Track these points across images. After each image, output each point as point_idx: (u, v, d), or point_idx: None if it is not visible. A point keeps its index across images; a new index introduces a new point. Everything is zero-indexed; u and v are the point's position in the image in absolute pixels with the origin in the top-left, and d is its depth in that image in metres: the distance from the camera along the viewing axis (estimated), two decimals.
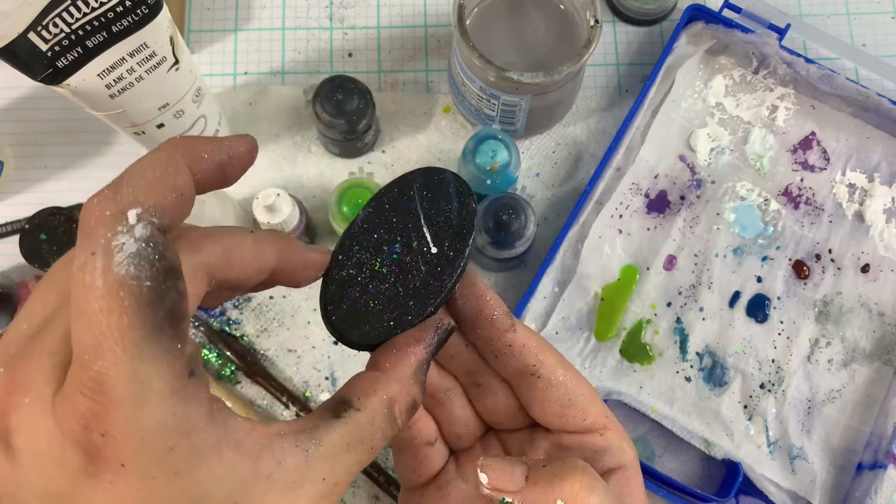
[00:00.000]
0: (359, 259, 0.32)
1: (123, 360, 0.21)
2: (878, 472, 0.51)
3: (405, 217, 0.33)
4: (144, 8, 0.41)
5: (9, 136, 0.60)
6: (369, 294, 0.32)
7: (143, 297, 0.21)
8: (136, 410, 0.22)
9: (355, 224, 0.32)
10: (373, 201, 0.33)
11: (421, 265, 0.32)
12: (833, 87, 0.58)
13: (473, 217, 0.33)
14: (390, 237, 0.33)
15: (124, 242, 0.22)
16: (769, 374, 0.55)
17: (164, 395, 0.22)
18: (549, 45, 0.56)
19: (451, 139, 0.61)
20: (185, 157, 0.24)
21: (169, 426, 0.22)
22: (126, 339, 0.21)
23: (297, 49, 0.63)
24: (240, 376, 0.56)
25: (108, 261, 0.21)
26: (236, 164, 0.26)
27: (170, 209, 0.23)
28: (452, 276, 0.32)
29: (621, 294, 0.56)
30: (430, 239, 0.33)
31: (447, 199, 0.33)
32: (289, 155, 0.60)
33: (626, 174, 0.57)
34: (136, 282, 0.21)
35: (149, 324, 0.21)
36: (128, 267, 0.21)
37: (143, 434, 0.22)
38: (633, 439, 0.55)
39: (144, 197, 0.22)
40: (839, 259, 0.57)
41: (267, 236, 0.28)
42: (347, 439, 0.26)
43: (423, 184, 0.33)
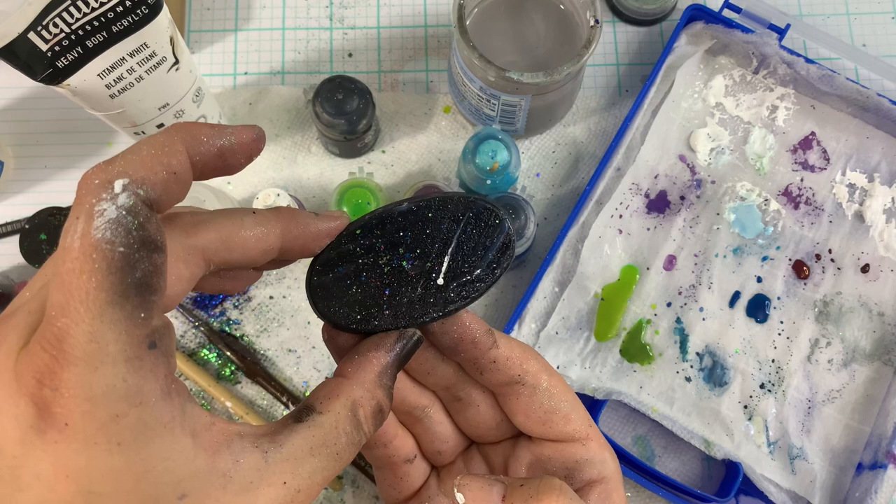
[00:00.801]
0: (372, 244, 0.31)
1: (85, 319, 0.22)
2: (878, 472, 0.51)
3: (438, 236, 0.32)
4: (144, 8, 0.41)
5: (9, 136, 0.60)
6: (358, 280, 0.31)
7: (115, 261, 0.22)
8: (87, 371, 0.22)
9: (392, 210, 0.31)
10: (423, 202, 0.31)
11: (419, 287, 0.31)
12: (833, 87, 0.58)
13: (493, 279, 0.32)
14: (412, 244, 0.31)
15: (105, 209, 0.22)
16: (769, 374, 0.55)
17: (117, 359, 0.22)
18: (549, 45, 0.56)
19: (451, 139, 0.61)
20: (184, 139, 0.25)
21: (118, 392, 0.22)
22: (91, 299, 0.22)
23: (297, 49, 0.63)
24: (240, 376, 0.56)
25: (88, 225, 0.22)
26: (239, 152, 0.27)
27: (160, 185, 0.23)
28: (437, 314, 0.31)
29: (621, 294, 0.56)
30: (443, 270, 0.32)
31: (485, 247, 0.32)
32: (289, 155, 0.60)
33: (626, 174, 0.57)
34: (110, 246, 0.22)
35: (115, 288, 0.22)
36: (104, 231, 0.22)
37: (90, 395, 0.22)
38: (632, 439, 0.55)
39: (134, 170, 0.23)
40: (839, 259, 0.57)
41: (269, 216, 0.28)
42: (310, 443, 0.26)
43: (477, 216, 0.32)
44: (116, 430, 0.22)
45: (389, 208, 0.31)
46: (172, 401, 0.23)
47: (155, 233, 0.23)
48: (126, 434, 0.22)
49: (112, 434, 0.22)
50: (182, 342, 0.56)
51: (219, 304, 0.57)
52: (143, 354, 0.23)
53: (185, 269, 0.25)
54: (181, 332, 0.56)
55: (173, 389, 0.23)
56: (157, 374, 0.23)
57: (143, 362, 0.23)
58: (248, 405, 0.55)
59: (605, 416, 0.55)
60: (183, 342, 0.56)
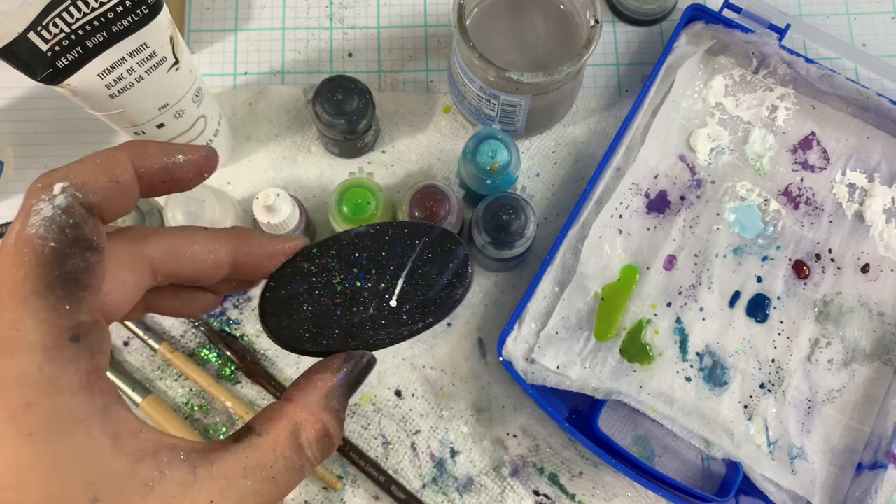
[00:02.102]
0: (327, 264, 0.31)
1: (8, 307, 0.22)
2: (878, 472, 0.51)
3: (393, 259, 0.32)
4: (144, 8, 0.41)
5: (9, 136, 0.60)
6: (310, 298, 0.31)
7: (44, 255, 0.23)
8: (3, 356, 0.22)
9: (349, 233, 0.31)
10: (380, 226, 0.32)
11: (371, 307, 0.31)
12: (833, 87, 0.58)
13: (450, 304, 0.32)
14: (366, 265, 0.31)
15: (42, 208, 0.23)
16: (769, 374, 0.55)
17: (35, 347, 0.22)
18: (549, 45, 0.56)
19: (451, 139, 0.61)
20: (130, 152, 0.26)
21: (31, 379, 0.22)
22: (17, 288, 0.22)
23: (297, 49, 0.63)
24: (240, 376, 0.56)
25: (25, 222, 0.23)
26: (187, 168, 0.27)
27: (100, 191, 0.25)
28: (390, 336, 0.31)
29: (621, 294, 0.56)
30: (396, 291, 0.32)
31: (440, 272, 0.32)
32: (289, 155, 0.60)
33: (626, 174, 0.57)
34: (42, 241, 0.23)
35: (41, 279, 0.23)
36: (38, 228, 0.23)
37: (2, 382, 0.22)
38: (632, 439, 0.55)
39: (75, 175, 0.24)
40: (839, 259, 0.57)
41: (221, 233, 0.28)
42: (244, 464, 0.25)
43: (433, 243, 0.32)
44: (27, 419, 0.22)
45: (348, 230, 0.31)
46: (94, 397, 0.23)
47: (90, 233, 0.24)
48: (37, 424, 0.22)
49: (22, 423, 0.22)
50: (182, 342, 0.56)
51: None
52: (63, 345, 0.23)
53: (129, 275, 0.25)
54: (181, 331, 0.56)
55: (96, 387, 0.23)
56: (78, 367, 0.23)
57: (63, 353, 0.22)
58: (248, 405, 0.55)
59: (605, 416, 0.55)
60: (183, 342, 0.56)
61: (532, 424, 0.55)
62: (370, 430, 0.55)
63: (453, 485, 0.54)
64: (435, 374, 0.56)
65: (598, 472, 0.54)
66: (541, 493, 0.54)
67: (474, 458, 0.54)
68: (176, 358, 0.55)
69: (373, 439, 0.54)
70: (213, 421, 0.55)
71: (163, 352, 0.55)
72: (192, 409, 0.55)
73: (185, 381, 0.55)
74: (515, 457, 0.55)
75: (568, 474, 0.55)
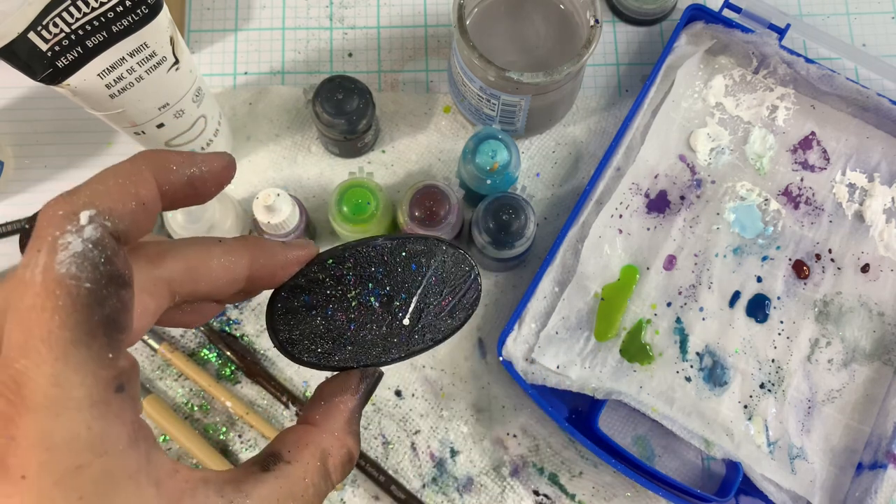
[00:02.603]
0: (342, 276, 0.30)
1: (47, 360, 0.20)
2: (878, 472, 0.51)
3: (409, 276, 0.31)
4: (144, 8, 0.41)
5: (9, 136, 0.60)
6: (323, 312, 0.30)
7: (80, 298, 0.20)
8: (48, 417, 0.20)
9: (366, 244, 0.30)
10: (398, 239, 0.31)
11: (384, 325, 0.31)
12: (833, 87, 0.58)
13: (457, 326, 0.32)
14: (382, 281, 0.31)
15: (71, 242, 0.21)
16: (769, 373, 0.55)
17: (82, 405, 0.20)
18: (549, 45, 0.56)
19: (451, 139, 0.61)
20: (152, 167, 0.24)
21: (81, 441, 0.20)
22: (54, 338, 0.20)
23: (297, 49, 0.63)
24: (240, 376, 0.56)
25: (51, 258, 0.20)
26: (209, 180, 0.26)
27: (128, 216, 0.22)
28: (401, 354, 0.30)
29: (621, 294, 0.56)
30: (410, 310, 0.31)
31: (454, 294, 0.32)
32: (289, 155, 0.60)
33: (626, 174, 0.57)
34: (76, 282, 0.20)
35: (81, 327, 0.20)
36: (69, 266, 0.20)
37: (51, 445, 0.20)
38: (632, 439, 0.55)
39: (100, 201, 0.22)
40: (839, 259, 0.57)
41: (236, 245, 0.27)
42: (277, 494, 0.25)
43: (448, 263, 0.32)
44: (78, 483, 0.20)
45: (364, 241, 0.31)
46: (139, 448, 0.21)
47: (123, 267, 0.21)
48: (88, 487, 0.20)
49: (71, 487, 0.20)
50: (182, 342, 0.56)
51: None
52: (109, 399, 0.21)
53: (150, 301, 0.24)
54: (181, 331, 0.56)
55: (140, 436, 0.22)
56: (125, 420, 0.21)
57: (110, 407, 0.21)
58: (248, 405, 0.55)
59: (605, 416, 0.55)
60: (183, 342, 0.56)
61: (532, 424, 0.55)
62: (370, 430, 0.55)
63: (453, 485, 0.54)
64: (435, 374, 0.56)
65: (598, 472, 0.54)
66: (541, 493, 0.54)
67: (474, 458, 0.54)
68: (176, 358, 0.55)
69: (373, 439, 0.54)
70: (213, 421, 0.55)
71: (163, 352, 0.55)
72: (192, 409, 0.55)
73: (185, 381, 0.55)
74: (515, 457, 0.55)
75: (568, 474, 0.55)
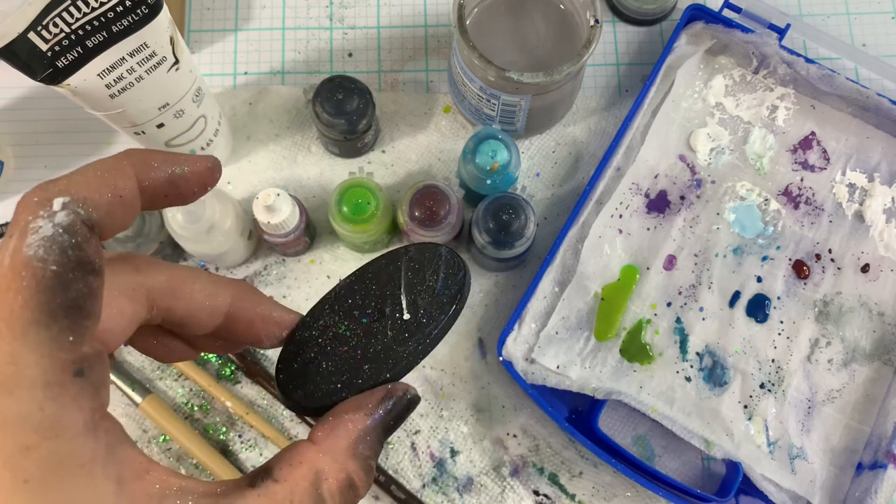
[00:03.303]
0: (325, 321, 0.30)
1: (6, 338, 0.20)
2: (878, 472, 0.51)
3: (385, 285, 0.31)
4: (144, 8, 0.41)
5: (9, 136, 0.60)
6: (325, 355, 0.29)
7: (45, 280, 0.20)
8: (2, 394, 0.20)
9: (332, 290, 0.31)
10: (357, 271, 0.31)
11: (388, 330, 0.30)
12: (833, 87, 0.58)
13: (462, 288, 0.30)
14: (364, 303, 0.30)
15: (41, 226, 0.21)
16: (769, 373, 0.55)
17: (36, 384, 0.20)
18: (549, 45, 0.56)
19: (451, 139, 0.61)
20: (134, 163, 0.24)
21: (31, 421, 0.20)
22: (14, 317, 0.20)
23: (297, 49, 0.63)
24: (240, 376, 0.56)
25: (21, 241, 0.21)
26: (192, 181, 0.25)
27: (103, 207, 0.22)
28: (421, 342, 0.29)
29: (621, 294, 0.56)
30: (404, 305, 0.31)
31: (434, 270, 0.31)
32: (289, 155, 0.60)
33: (626, 174, 0.57)
34: (42, 264, 0.20)
35: (43, 308, 0.20)
36: (37, 249, 0.21)
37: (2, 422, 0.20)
38: (632, 439, 0.55)
39: (76, 189, 0.22)
40: (839, 259, 0.57)
41: (224, 279, 0.27)
42: None
43: (414, 256, 0.31)
44: (24, 464, 0.20)
45: (331, 290, 0.31)
46: (98, 438, 0.21)
47: (93, 255, 0.21)
48: (34, 470, 0.20)
49: (18, 468, 0.20)
50: None
51: None
52: (66, 381, 0.20)
53: (128, 304, 0.24)
54: None
55: (101, 426, 0.21)
56: (81, 406, 0.20)
57: (66, 390, 0.20)
58: (248, 405, 0.55)
59: (605, 416, 0.55)
60: None
61: (532, 424, 0.55)
62: None
63: (453, 485, 0.54)
64: (435, 374, 0.56)
65: (598, 472, 0.54)
66: (541, 493, 0.54)
67: (474, 458, 0.54)
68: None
69: None
70: (213, 421, 0.55)
71: None
72: (192, 409, 0.55)
73: (185, 381, 0.55)
74: (515, 457, 0.55)
75: (568, 474, 0.55)
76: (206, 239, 0.49)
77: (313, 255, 0.58)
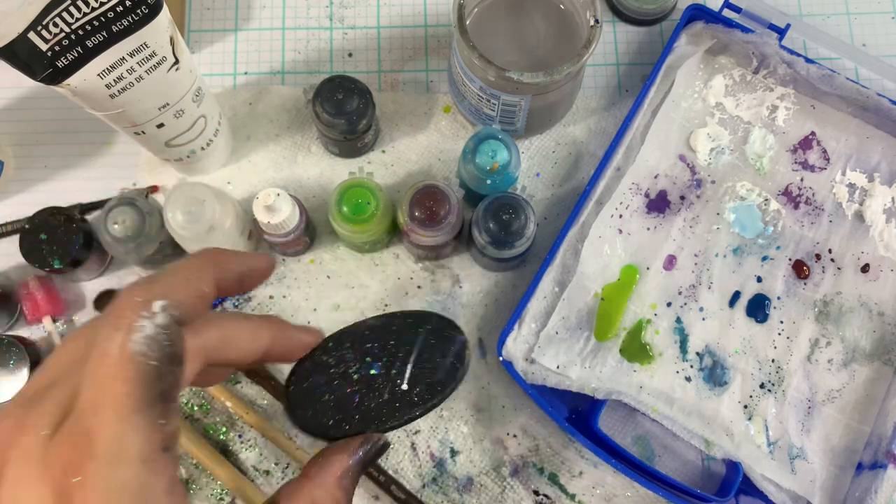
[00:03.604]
0: (342, 356, 0.35)
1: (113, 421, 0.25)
2: (878, 471, 0.51)
3: (401, 347, 0.35)
4: (144, 8, 0.41)
5: (9, 136, 0.60)
6: (330, 388, 0.34)
7: (147, 373, 0.25)
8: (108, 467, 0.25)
9: (361, 325, 0.35)
10: (387, 317, 0.36)
11: (386, 392, 0.35)
12: (833, 87, 0.58)
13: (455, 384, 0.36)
14: (378, 354, 0.35)
15: (145, 325, 0.26)
16: (769, 374, 0.55)
17: (135, 460, 0.25)
18: (549, 45, 0.56)
19: (451, 139, 0.61)
20: (214, 266, 0.30)
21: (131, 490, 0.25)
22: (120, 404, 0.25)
23: (297, 49, 0.63)
24: (240, 376, 0.56)
25: (127, 337, 0.25)
26: (254, 277, 0.32)
27: (189, 307, 0.27)
28: (402, 418, 0.34)
29: (621, 294, 0.56)
30: (406, 376, 0.35)
31: (443, 355, 0.36)
32: (289, 155, 0.60)
33: (626, 174, 0.57)
34: (145, 359, 0.25)
35: (144, 397, 0.25)
36: (141, 345, 0.26)
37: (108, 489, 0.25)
38: (632, 439, 0.55)
39: (171, 293, 0.27)
40: (839, 259, 0.57)
41: (264, 323, 0.32)
42: None
43: (435, 330, 0.36)
44: None
45: (359, 323, 0.36)
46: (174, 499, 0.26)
47: (180, 349, 0.26)
48: None
49: None
50: None
51: (219, 304, 0.57)
52: (157, 457, 0.26)
53: (189, 367, 0.27)
54: None
55: (176, 489, 0.26)
56: (165, 475, 0.26)
57: (157, 464, 0.26)
58: (248, 405, 0.55)
59: (605, 416, 0.55)
60: None
61: (532, 424, 0.55)
62: None
63: (453, 485, 0.54)
64: None
65: (598, 472, 0.54)
66: (541, 493, 0.54)
67: (474, 458, 0.54)
68: None
69: None
70: (213, 421, 0.55)
71: None
72: (192, 408, 0.55)
73: None
74: (515, 457, 0.55)
75: (568, 474, 0.55)
76: (206, 239, 0.49)
77: (313, 255, 0.58)
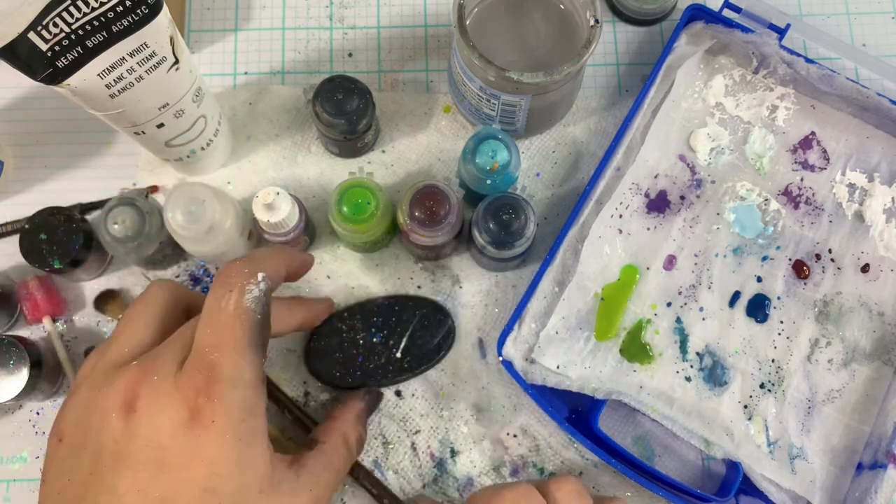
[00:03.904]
0: (352, 325, 0.51)
1: (234, 355, 0.36)
2: (878, 472, 0.51)
3: (401, 324, 0.51)
4: (144, 8, 0.41)
5: (9, 136, 0.60)
6: (342, 349, 0.51)
7: (256, 322, 0.37)
8: (231, 388, 0.35)
9: (371, 302, 0.53)
10: (392, 298, 0.53)
11: (383, 357, 0.51)
12: (833, 87, 0.58)
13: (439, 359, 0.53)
14: (381, 327, 0.51)
15: (253, 290, 0.38)
16: (769, 373, 0.55)
17: (247, 384, 0.36)
18: (549, 45, 0.56)
19: (451, 139, 0.61)
20: (286, 259, 0.43)
21: (246, 405, 0.36)
22: (239, 343, 0.36)
23: (297, 49, 0.63)
24: None
25: (241, 297, 0.37)
26: (301, 270, 0.46)
27: (276, 281, 0.40)
28: (393, 379, 0.52)
29: (621, 294, 0.56)
30: (401, 346, 0.51)
31: (433, 335, 0.52)
32: (289, 155, 0.60)
33: (626, 174, 0.57)
34: (254, 314, 0.37)
35: (252, 339, 0.37)
36: (252, 303, 0.37)
37: (230, 404, 0.35)
38: (632, 439, 0.55)
39: (267, 269, 0.39)
40: (839, 259, 0.57)
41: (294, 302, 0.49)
42: (321, 463, 0.42)
43: (430, 314, 0.52)
44: (239, 430, 0.35)
45: (370, 300, 0.53)
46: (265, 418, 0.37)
47: (270, 307, 0.39)
48: (244, 434, 0.35)
49: (237, 433, 0.35)
50: None
51: None
52: (259, 383, 0.37)
53: None
54: None
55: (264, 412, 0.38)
56: (263, 397, 0.37)
57: (259, 389, 0.37)
58: None
59: (605, 416, 0.55)
60: None
61: (532, 424, 0.55)
62: (370, 430, 0.55)
63: (453, 485, 0.54)
64: (435, 374, 0.56)
65: (598, 472, 0.54)
66: None
67: (474, 458, 0.54)
68: None
69: (373, 439, 0.54)
70: None
71: None
72: None
73: None
74: (515, 457, 0.55)
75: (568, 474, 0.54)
76: (206, 239, 0.49)
77: (313, 255, 0.58)
